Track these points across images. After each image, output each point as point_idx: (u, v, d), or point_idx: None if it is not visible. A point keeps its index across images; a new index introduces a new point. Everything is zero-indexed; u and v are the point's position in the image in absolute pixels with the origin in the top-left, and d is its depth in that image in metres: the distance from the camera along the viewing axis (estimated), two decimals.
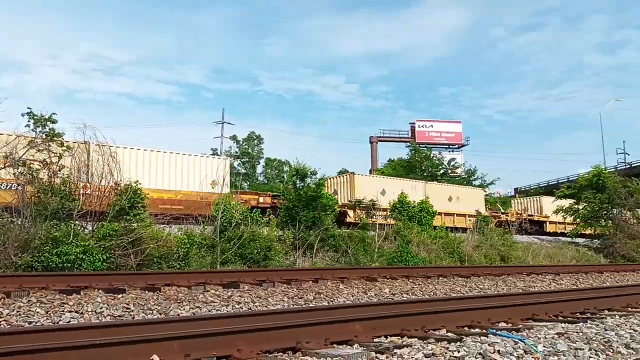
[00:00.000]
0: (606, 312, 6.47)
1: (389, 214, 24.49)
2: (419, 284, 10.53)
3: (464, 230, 28.59)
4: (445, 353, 3.84)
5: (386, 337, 4.47)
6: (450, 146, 74.85)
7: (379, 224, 22.06)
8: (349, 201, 24.64)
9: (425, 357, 3.77)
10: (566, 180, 51.46)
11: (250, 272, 11.22)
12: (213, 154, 68.32)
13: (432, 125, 74.91)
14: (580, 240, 32.89)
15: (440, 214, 30.91)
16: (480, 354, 3.83)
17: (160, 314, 6.91)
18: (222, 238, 16.45)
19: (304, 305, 7.19)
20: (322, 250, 19.99)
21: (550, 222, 37.95)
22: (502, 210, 38.45)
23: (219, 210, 16.80)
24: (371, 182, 29.80)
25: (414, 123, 75.18)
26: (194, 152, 25.39)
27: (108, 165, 14.58)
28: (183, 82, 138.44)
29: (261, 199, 24.97)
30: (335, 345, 4.02)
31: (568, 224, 37.52)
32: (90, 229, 13.74)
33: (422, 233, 23.00)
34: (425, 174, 54.29)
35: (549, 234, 36.42)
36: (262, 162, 74.85)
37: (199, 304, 7.54)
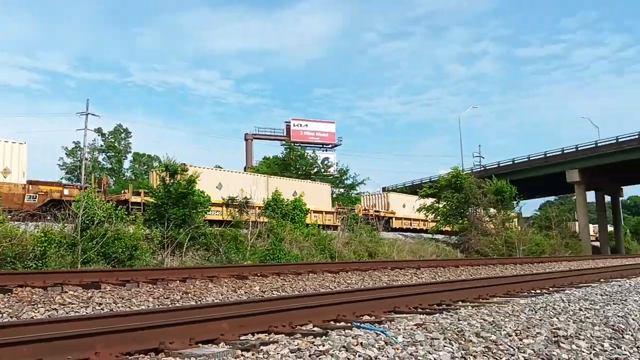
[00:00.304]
0: (460, 303, 6.94)
1: (262, 211, 24.50)
2: (289, 281, 10.60)
3: (329, 227, 29.25)
4: (311, 347, 3.88)
5: (253, 334, 4.43)
6: (324, 145, 76.62)
7: (252, 222, 22.00)
8: (222, 198, 24.29)
9: (291, 352, 3.78)
10: (429, 180, 54.65)
11: (114, 271, 10.63)
12: (75, 147, 64.19)
13: (307, 125, 76.15)
14: (440, 236, 35.15)
15: (318, 212, 31.50)
16: (344, 346, 3.91)
17: (11, 317, 6.37)
18: (84, 236, 15.50)
19: (170, 305, 6.95)
20: (192, 249, 19.51)
21: (397, 218, 39.71)
22: (351, 207, 39.16)
23: (80, 207, 15.82)
24: (209, 175, 27.01)
25: (289, 122, 75.97)
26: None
27: None
28: (43, 69, 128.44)
29: (66, 191, 22.32)
30: (200, 344, 3.92)
31: (413, 220, 39.84)
32: None
33: (295, 231, 23.29)
34: (299, 173, 55.06)
35: (396, 229, 38.02)
36: (129, 156, 71.59)
37: (55, 305, 7.02)
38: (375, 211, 39.35)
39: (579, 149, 52.26)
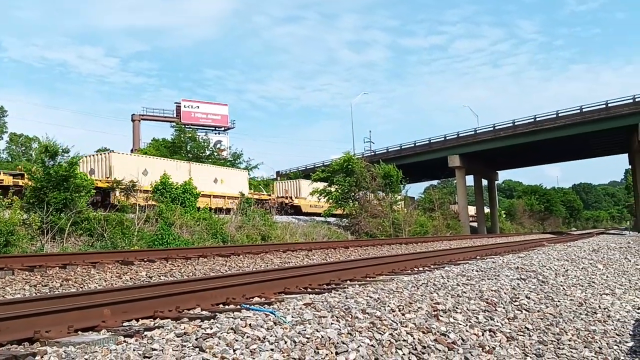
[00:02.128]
0: (348, 282, 7.14)
1: (150, 195, 23.67)
2: (178, 266, 10.31)
3: (228, 211, 29.14)
4: (198, 331, 3.82)
5: (138, 320, 4.27)
6: (217, 128, 75.23)
7: (140, 206, 21.21)
8: (107, 182, 23.16)
9: (177, 336, 3.70)
10: (322, 164, 55.49)
11: None
12: None
13: (198, 107, 74.22)
14: (332, 219, 35.86)
15: (208, 196, 31.04)
16: (232, 328, 3.89)
17: None
18: None
19: (48, 293, 6.53)
20: (74, 235, 18.47)
21: (311, 206, 40.55)
22: (265, 192, 40.14)
23: None
24: (131, 162, 28.30)
25: (180, 103, 73.67)
26: None
27: None
28: None
29: None
30: (80, 332, 3.72)
31: (320, 206, 40.70)
32: None
33: (185, 215, 22.75)
34: (190, 156, 53.68)
35: (307, 214, 38.95)
36: (5, 137, 66.43)
37: None
38: (289, 197, 39.94)
39: (460, 135, 55.40)
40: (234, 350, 3.55)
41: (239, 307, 4.84)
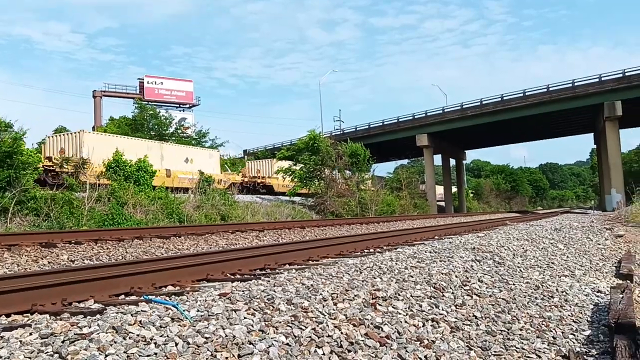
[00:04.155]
0: (287, 266, 6.52)
1: (103, 173, 22.68)
2: (107, 249, 9.53)
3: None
4: (70, 331, 3.14)
5: (9, 315, 3.58)
6: (181, 105, 73.59)
7: (91, 184, 20.27)
8: (53, 159, 22.01)
9: (42, 337, 3.02)
10: (290, 143, 54.72)
11: None
12: None
13: (162, 83, 72.39)
14: (297, 199, 35.24)
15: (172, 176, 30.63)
16: (113, 327, 3.22)
17: None
18: None
19: None
20: (19, 215, 17.48)
21: (284, 185, 39.88)
22: (232, 171, 39.41)
23: None
24: (104, 142, 28.00)
25: (143, 79, 71.68)
26: None
27: None
28: None
29: None
30: None
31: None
32: None
33: (139, 194, 21.85)
34: (152, 133, 52.29)
35: (280, 194, 38.31)
36: None
37: None
38: (262, 177, 39.41)
39: (428, 114, 55.12)
40: (106, 356, 2.89)
41: (140, 298, 4.16)
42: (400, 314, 4.78)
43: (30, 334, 3.13)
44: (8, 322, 3.43)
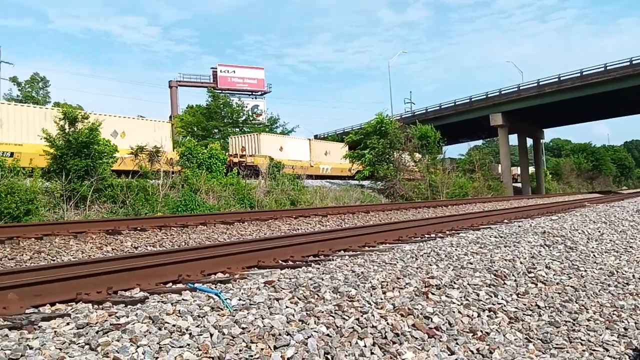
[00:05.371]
0: (341, 252, 6.39)
1: (177, 161, 23.42)
2: (171, 235, 9.77)
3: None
4: (106, 321, 3.16)
5: (53, 304, 3.68)
6: (253, 93, 74.68)
7: (164, 172, 20.96)
8: (131, 148, 22.79)
9: (78, 328, 3.05)
10: (359, 127, 54.34)
11: None
12: None
13: (234, 71, 73.66)
14: (366, 182, 35.00)
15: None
16: (149, 317, 3.22)
17: None
18: None
19: (14, 267, 6.03)
20: (98, 202, 18.32)
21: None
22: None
23: None
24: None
25: (216, 68, 73.24)
26: None
27: None
28: None
29: None
30: None
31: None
32: None
33: (211, 180, 22.42)
34: (225, 121, 53.44)
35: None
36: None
37: None
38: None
39: (503, 92, 53.10)
40: (137, 348, 2.87)
41: (185, 286, 4.17)
42: (453, 303, 4.56)
43: (68, 323, 3.16)
44: (51, 311, 3.51)
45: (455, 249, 6.59)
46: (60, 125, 18.25)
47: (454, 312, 4.37)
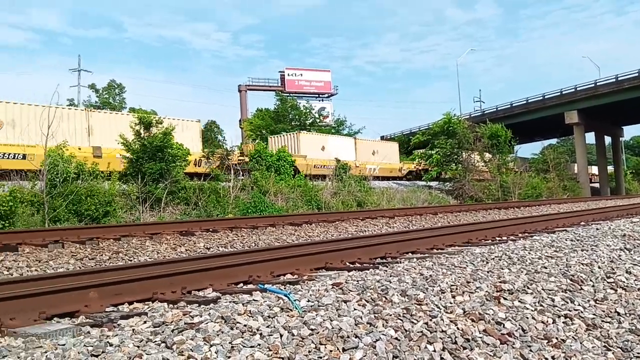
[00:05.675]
0: (409, 255, 6.33)
1: (246, 164, 23.95)
2: (242, 236, 9.99)
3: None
4: (180, 320, 3.28)
5: (131, 303, 3.85)
6: (320, 95, 75.24)
7: (234, 174, 21.47)
8: (203, 152, 23.57)
9: (154, 326, 3.18)
10: (427, 127, 53.63)
11: (38, 231, 9.60)
12: (70, 104, 63.41)
13: (301, 74, 74.50)
14: (433, 183, 34.48)
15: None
16: (221, 317, 3.31)
17: None
18: (53, 193, 14.98)
19: (94, 267, 6.36)
20: (171, 204, 19.01)
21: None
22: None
23: (47, 164, 15.25)
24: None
25: (284, 71, 74.32)
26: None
27: None
28: (37, 27, 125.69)
29: None
30: (56, 319, 3.33)
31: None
32: None
33: (280, 182, 22.78)
34: (293, 123, 54.12)
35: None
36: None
37: None
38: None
39: (578, 89, 50.95)
40: (210, 347, 2.96)
41: (255, 287, 4.26)
42: (527, 309, 4.42)
43: (145, 322, 3.30)
44: (129, 310, 3.67)
45: (529, 253, 6.39)
46: (135, 130, 19.07)
47: (527, 317, 4.23)
